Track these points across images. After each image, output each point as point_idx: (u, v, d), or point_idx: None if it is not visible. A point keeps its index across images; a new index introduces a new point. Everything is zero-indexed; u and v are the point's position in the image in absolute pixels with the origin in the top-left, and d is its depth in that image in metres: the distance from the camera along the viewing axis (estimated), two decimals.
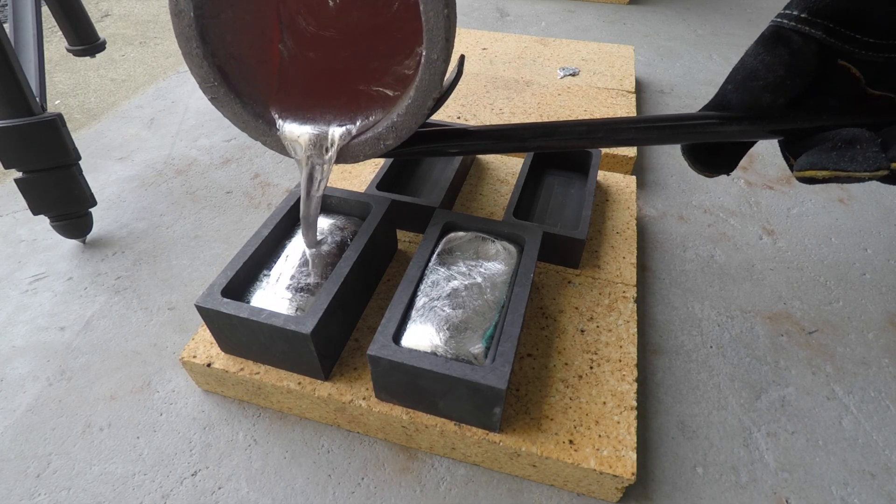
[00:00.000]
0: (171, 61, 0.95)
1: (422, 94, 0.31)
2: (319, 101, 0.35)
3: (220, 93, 0.34)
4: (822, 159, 0.31)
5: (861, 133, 0.31)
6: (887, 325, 0.47)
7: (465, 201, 0.54)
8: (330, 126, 0.34)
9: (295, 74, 0.35)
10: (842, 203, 0.61)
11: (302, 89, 0.35)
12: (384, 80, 0.34)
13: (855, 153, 0.30)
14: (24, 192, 0.48)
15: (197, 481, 0.36)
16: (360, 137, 0.35)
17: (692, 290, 0.50)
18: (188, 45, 0.32)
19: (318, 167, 0.35)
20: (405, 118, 0.33)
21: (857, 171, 0.29)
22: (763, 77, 0.32)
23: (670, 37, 1.01)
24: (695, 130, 0.35)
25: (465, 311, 0.35)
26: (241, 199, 0.61)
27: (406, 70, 0.33)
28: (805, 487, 0.36)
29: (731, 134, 0.34)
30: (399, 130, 0.33)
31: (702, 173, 0.38)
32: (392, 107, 0.34)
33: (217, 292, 0.36)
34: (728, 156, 0.37)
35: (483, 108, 0.69)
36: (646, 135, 0.36)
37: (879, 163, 0.29)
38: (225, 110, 0.35)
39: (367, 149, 0.35)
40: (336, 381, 0.37)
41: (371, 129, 0.34)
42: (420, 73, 0.31)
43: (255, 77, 0.35)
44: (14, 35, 0.52)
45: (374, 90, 0.34)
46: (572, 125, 0.36)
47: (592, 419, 0.35)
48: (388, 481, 0.36)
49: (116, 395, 0.41)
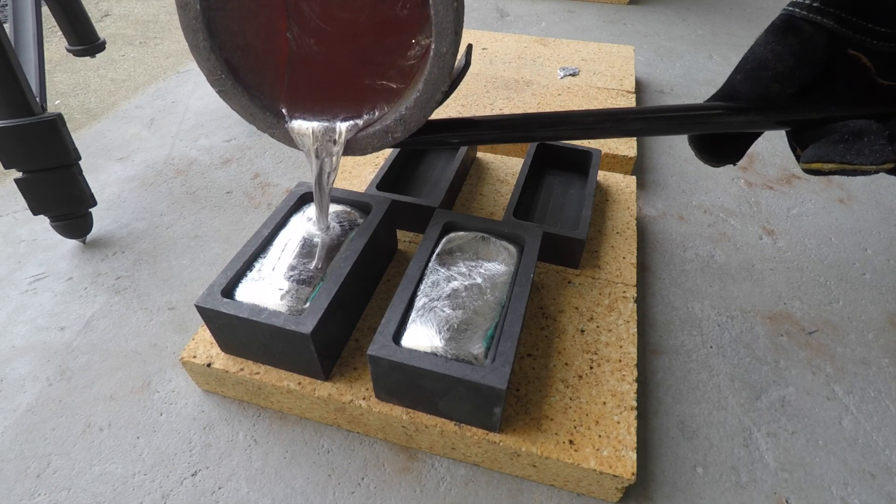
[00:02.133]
0: (171, 61, 0.95)
1: (431, 86, 0.32)
2: (326, 96, 0.35)
3: (227, 85, 0.34)
4: (829, 151, 0.31)
5: (869, 125, 0.31)
6: (887, 325, 0.47)
7: (465, 201, 0.54)
8: (337, 120, 0.35)
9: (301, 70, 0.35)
10: (842, 203, 0.61)
11: (308, 85, 0.35)
12: (388, 73, 0.34)
13: (862, 145, 0.30)
14: (24, 192, 0.48)
15: (197, 481, 0.36)
16: (367, 130, 0.35)
17: (692, 290, 0.50)
18: (195, 37, 0.32)
19: (328, 159, 0.35)
20: (414, 111, 0.33)
21: (864, 163, 0.29)
22: (772, 66, 0.32)
23: (670, 37, 1.01)
24: (702, 121, 0.34)
25: (466, 312, 0.35)
26: (241, 199, 0.61)
27: (409, 62, 0.34)
28: (805, 487, 0.36)
29: (739, 125, 0.34)
30: (408, 123, 0.33)
31: (708, 163, 0.38)
32: (398, 99, 0.35)
33: (217, 292, 0.36)
34: (735, 146, 0.37)
35: (483, 108, 0.69)
36: (652, 125, 0.36)
37: (886, 156, 0.29)
38: (233, 103, 0.35)
39: (375, 141, 0.35)
40: (336, 381, 0.37)
41: (379, 121, 0.34)
42: (429, 66, 0.31)
43: (263, 69, 0.35)
44: (14, 35, 0.52)
45: (379, 84, 0.35)
46: (580, 115, 0.36)
47: (592, 419, 0.35)
48: (388, 481, 0.36)
49: (116, 395, 0.41)
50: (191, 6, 0.32)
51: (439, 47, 0.30)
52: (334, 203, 0.44)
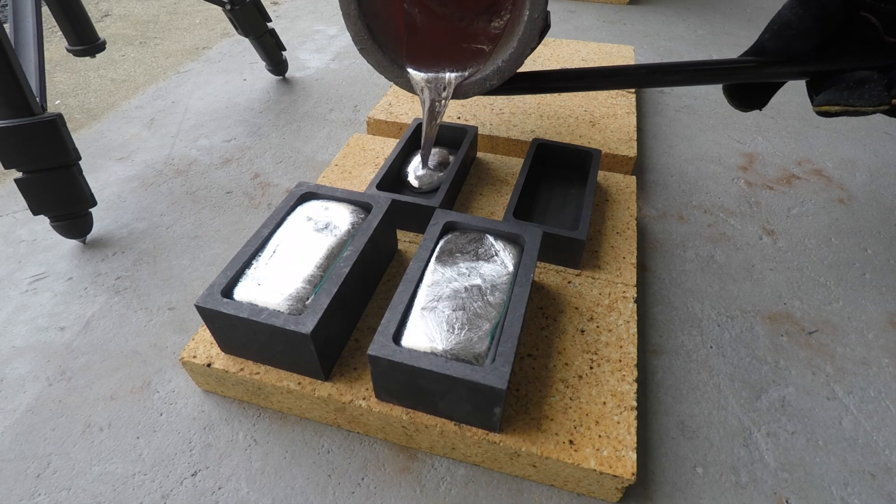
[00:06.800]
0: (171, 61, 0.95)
1: (523, 44, 0.40)
2: (433, 55, 0.45)
3: (367, 44, 0.43)
4: (836, 96, 0.37)
5: (871, 74, 0.37)
6: (887, 325, 0.47)
7: (465, 201, 0.54)
8: (445, 71, 0.44)
9: (414, 35, 0.45)
10: (842, 203, 0.61)
11: (420, 46, 0.45)
12: (479, 39, 0.45)
13: (863, 91, 0.36)
14: (24, 192, 0.48)
15: (197, 481, 0.36)
16: (470, 79, 0.43)
17: (692, 290, 0.50)
18: (348, 7, 0.42)
19: (438, 103, 0.44)
20: (508, 63, 0.41)
21: (864, 105, 0.36)
22: (795, 26, 0.39)
23: (670, 37, 1.01)
24: (736, 72, 0.42)
25: (466, 312, 0.35)
26: (241, 199, 0.61)
27: (496, 31, 0.44)
28: (805, 487, 0.36)
29: (766, 75, 0.41)
30: (502, 73, 0.41)
31: (738, 108, 0.45)
32: (491, 57, 0.44)
33: (217, 292, 0.36)
34: (761, 94, 0.44)
35: (483, 107, 0.69)
36: (695, 76, 0.43)
37: (882, 99, 0.35)
38: (370, 57, 0.44)
39: (476, 87, 0.43)
40: (336, 381, 0.37)
41: (479, 72, 0.43)
42: (522, 28, 0.39)
43: (389, 32, 0.45)
44: (14, 35, 0.52)
45: (474, 47, 0.45)
46: (633, 68, 0.45)
47: (592, 419, 0.35)
48: (388, 481, 0.36)
49: (116, 395, 0.41)
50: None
51: (532, 13, 0.38)
52: (335, 202, 0.44)
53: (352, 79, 0.87)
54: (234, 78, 0.87)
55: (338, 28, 1.06)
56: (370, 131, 0.69)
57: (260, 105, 0.80)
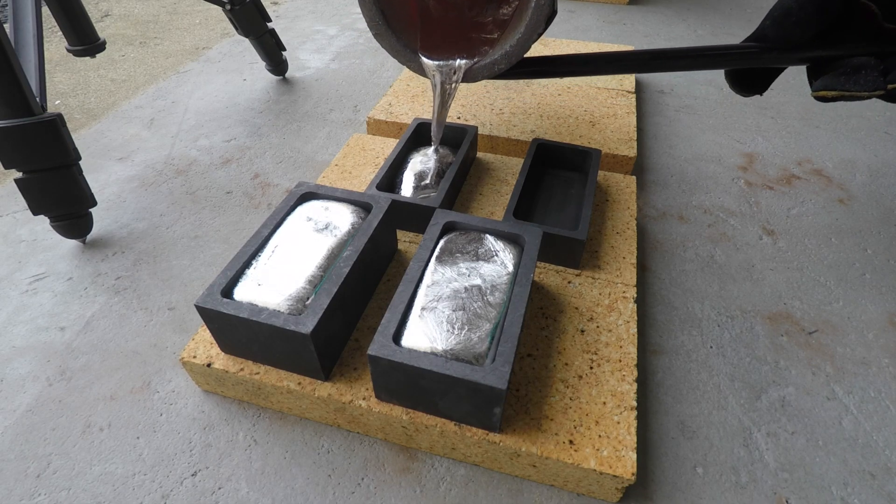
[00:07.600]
0: (171, 61, 0.95)
1: (530, 29, 0.41)
2: (445, 42, 0.47)
3: (382, 28, 0.45)
4: (833, 82, 0.38)
5: (867, 61, 0.38)
6: (887, 325, 0.47)
7: (465, 201, 0.54)
8: (455, 58, 0.46)
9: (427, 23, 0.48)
10: (842, 203, 0.61)
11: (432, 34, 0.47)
12: (488, 28, 0.47)
13: (860, 77, 0.37)
14: (24, 192, 0.48)
15: (197, 481, 0.36)
16: (479, 63, 0.45)
17: (692, 290, 0.50)
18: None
19: (448, 86, 0.46)
20: (515, 48, 0.42)
21: (859, 91, 0.37)
22: (796, 14, 0.39)
23: (670, 37, 1.01)
24: (738, 58, 0.43)
25: (466, 312, 0.35)
26: (241, 199, 0.61)
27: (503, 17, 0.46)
28: (805, 487, 0.36)
29: (767, 61, 0.42)
30: (510, 57, 0.43)
31: (739, 93, 0.46)
32: (498, 43, 0.45)
33: (217, 292, 0.36)
34: (762, 79, 0.45)
35: (483, 107, 0.69)
36: (698, 61, 0.44)
37: (878, 84, 0.36)
38: (384, 42, 0.46)
39: (485, 71, 0.44)
40: (336, 381, 0.37)
41: (488, 56, 0.44)
42: (530, 14, 0.40)
43: (402, 17, 0.47)
44: (14, 35, 0.52)
45: (483, 37, 0.47)
46: (638, 53, 0.46)
47: (592, 419, 0.35)
48: (388, 481, 0.36)
49: (116, 395, 0.41)
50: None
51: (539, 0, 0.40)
52: (335, 203, 0.44)
53: (352, 79, 0.87)
54: (234, 78, 0.87)
55: (338, 28, 1.06)
56: (370, 131, 0.69)
57: (260, 105, 0.80)
